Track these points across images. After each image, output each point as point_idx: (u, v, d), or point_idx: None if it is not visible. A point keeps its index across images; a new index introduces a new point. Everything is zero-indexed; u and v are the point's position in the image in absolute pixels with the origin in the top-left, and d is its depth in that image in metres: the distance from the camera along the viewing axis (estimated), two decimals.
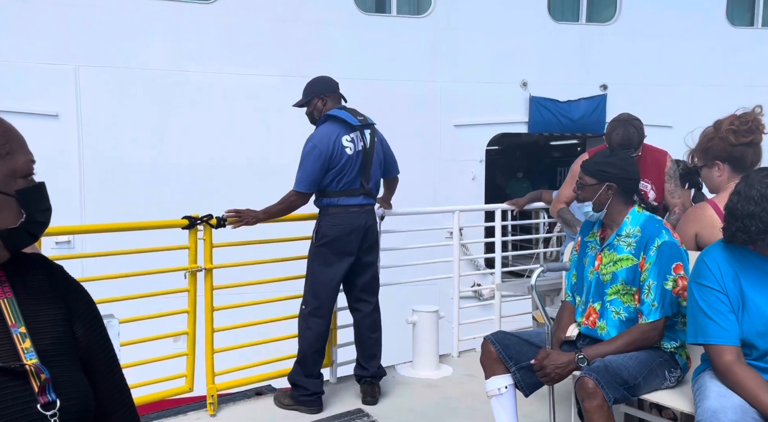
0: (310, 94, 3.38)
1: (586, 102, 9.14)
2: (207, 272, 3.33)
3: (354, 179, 3.28)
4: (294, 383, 3.37)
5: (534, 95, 8.90)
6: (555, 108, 9.01)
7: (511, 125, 9.03)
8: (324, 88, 3.37)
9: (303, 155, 3.23)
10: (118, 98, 7.29)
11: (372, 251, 3.45)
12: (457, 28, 8.65)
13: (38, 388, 0.86)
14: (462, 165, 8.69)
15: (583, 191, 2.44)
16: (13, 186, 0.90)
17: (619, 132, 3.17)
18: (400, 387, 3.76)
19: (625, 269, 2.36)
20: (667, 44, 9.20)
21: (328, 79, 3.43)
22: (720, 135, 2.50)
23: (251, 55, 7.76)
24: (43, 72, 7.00)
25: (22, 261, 0.96)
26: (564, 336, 2.52)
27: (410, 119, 8.19)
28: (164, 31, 7.59)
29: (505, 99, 8.86)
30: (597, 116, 9.13)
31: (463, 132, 8.70)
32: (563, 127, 9.16)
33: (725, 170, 2.54)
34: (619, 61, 9.17)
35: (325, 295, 3.31)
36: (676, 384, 2.34)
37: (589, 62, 9.21)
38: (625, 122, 3.20)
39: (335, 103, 3.37)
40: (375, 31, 8.34)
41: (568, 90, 9.05)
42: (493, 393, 2.50)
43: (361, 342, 3.50)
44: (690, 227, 2.55)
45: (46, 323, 0.94)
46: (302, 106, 3.43)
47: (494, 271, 4.59)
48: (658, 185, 3.33)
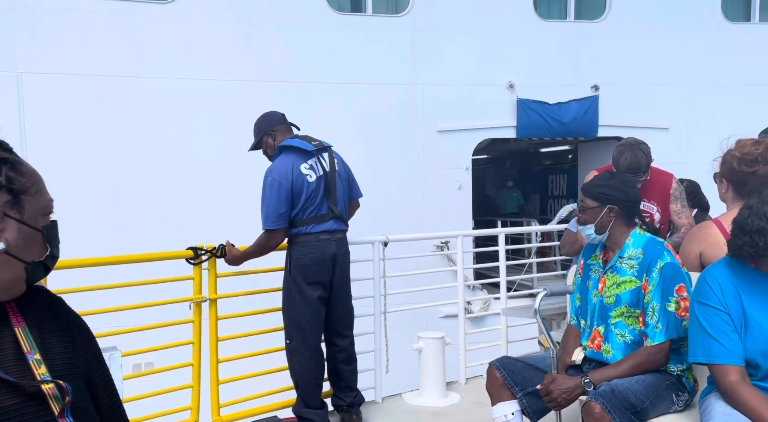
0: (258, 134, 3.36)
1: (577, 104, 8.61)
2: (212, 302, 3.34)
3: (320, 205, 3.24)
4: (299, 415, 3.34)
5: (522, 98, 8.40)
6: (544, 111, 8.49)
7: (499, 130, 8.50)
8: (269, 124, 3.35)
9: (264, 192, 3.16)
10: (65, 107, 6.58)
11: (344, 282, 3.39)
12: (437, 28, 8.09)
13: (58, 411, 0.89)
14: (447, 173, 8.09)
15: (584, 214, 2.45)
16: (41, 222, 0.96)
17: (627, 157, 3.15)
18: (407, 416, 3.71)
19: (629, 291, 2.35)
20: (660, 41, 8.66)
21: (271, 113, 3.41)
22: (728, 156, 2.51)
23: (213, 60, 7.12)
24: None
25: (28, 292, 1.01)
26: (570, 360, 2.50)
27: (390, 126, 7.64)
28: (116, 34, 6.89)
29: (491, 102, 8.33)
30: (589, 119, 8.62)
31: (448, 138, 8.13)
32: (553, 131, 8.64)
33: (729, 189, 2.54)
34: (610, 60, 8.64)
35: (309, 326, 3.24)
36: (684, 407, 2.31)
37: (579, 62, 8.67)
38: (633, 146, 3.18)
39: (285, 134, 3.35)
40: (349, 32, 7.75)
41: (557, 92, 8.54)
42: (500, 419, 2.47)
43: (336, 374, 3.44)
44: (694, 246, 2.54)
45: (56, 350, 0.98)
46: (256, 148, 3.41)
47: (500, 295, 4.57)
48: (663, 208, 3.32)
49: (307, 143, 3.28)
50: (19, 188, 0.93)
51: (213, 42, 7.14)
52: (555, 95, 8.54)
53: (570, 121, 8.58)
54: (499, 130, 8.51)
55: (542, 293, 2.61)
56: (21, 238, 0.92)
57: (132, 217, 6.39)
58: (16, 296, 0.96)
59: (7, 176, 0.91)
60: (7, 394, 0.87)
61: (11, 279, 0.93)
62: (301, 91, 7.09)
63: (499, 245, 4.56)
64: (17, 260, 0.92)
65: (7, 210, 0.91)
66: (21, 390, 0.88)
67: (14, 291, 0.95)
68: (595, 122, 8.64)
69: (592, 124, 8.62)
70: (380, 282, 3.97)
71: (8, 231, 0.91)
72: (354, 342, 3.50)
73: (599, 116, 8.62)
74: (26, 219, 0.93)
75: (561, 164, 12.65)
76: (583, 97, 8.60)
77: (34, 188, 0.95)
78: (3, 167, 0.91)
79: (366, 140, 7.11)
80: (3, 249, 0.90)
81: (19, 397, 0.87)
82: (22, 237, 0.93)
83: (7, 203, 0.91)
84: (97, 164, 6.70)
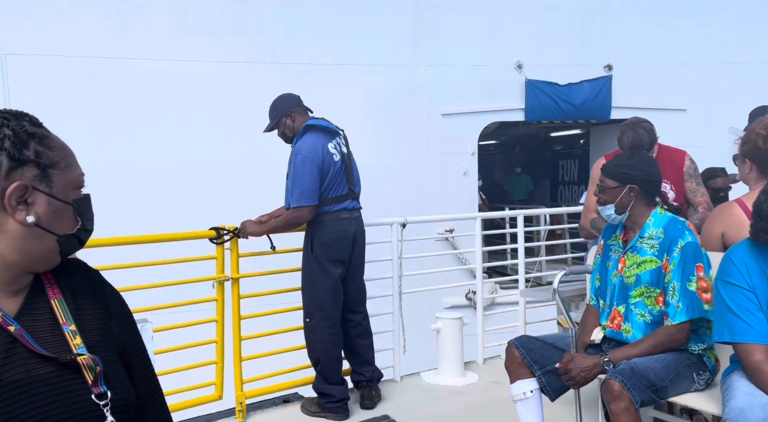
0: (276, 116, 3.37)
1: (589, 85, 8.12)
2: (234, 281, 3.41)
3: (342, 185, 3.31)
4: (320, 391, 3.41)
5: (530, 79, 7.95)
6: (554, 92, 8.02)
7: (506, 113, 8.04)
8: (288, 105, 3.36)
9: (296, 169, 3.19)
10: (52, 90, 6.14)
11: (361, 260, 3.46)
12: (440, 5, 7.62)
13: (92, 380, 0.92)
14: (452, 159, 7.69)
15: (604, 194, 2.44)
16: (71, 196, 0.98)
17: (629, 135, 3.17)
18: (425, 394, 3.77)
19: (649, 271, 2.35)
20: (678, 17, 8.13)
21: (288, 95, 3.43)
22: (752, 135, 2.48)
23: (207, 40, 6.74)
24: None
25: (65, 265, 1.04)
26: (589, 339, 2.51)
27: (391, 109, 7.24)
28: (105, 14, 6.51)
29: (498, 84, 7.88)
30: (601, 100, 8.11)
31: (452, 122, 7.71)
32: (564, 113, 8.13)
33: (753, 169, 2.52)
34: (625, 37, 8.11)
35: (331, 303, 3.30)
36: (705, 386, 2.31)
37: (592, 40, 8.15)
38: (634, 125, 3.20)
39: (304, 116, 3.38)
40: (348, 10, 7.29)
41: (568, 72, 8.05)
42: (519, 397, 2.50)
43: (352, 350, 3.51)
44: (716, 226, 2.52)
45: (91, 322, 1.01)
46: (272, 129, 3.42)
47: (518, 277, 4.58)
48: (677, 186, 3.30)
49: (330, 123, 3.35)
50: (48, 162, 0.95)
51: (206, 21, 6.79)
52: (565, 76, 8.09)
53: (581, 103, 8.12)
54: (507, 113, 8.05)
55: (561, 273, 2.62)
56: (51, 211, 0.94)
57: (125, 202, 6.02)
58: (52, 267, 1.00)
59: (35, 151, 0.94)
60: (42, 363, 0.90)
61: (44, 251, 0.96)
62: (297, 73, 6.72)
63: (517, 227, 4.56)
64: (49, 233, 0.95)
65: (36, 184, 0.93)
66: (56, 359, 0.91)
67: (49, 263, 0.98)
68: (608, 104, 8.18)
69: (604, 106, 8.16)
70: (398, 263, 4.01)
71: (38, 205, 0.93)
72: (368, 316, 3.55)
73: (612, 97, 8.14)
74: (55, 193, 0.95)
75: (572, 148, 12.18)
76: (595, 77, 8.15)
77: (63, 162, 0.97)
78: (31, 142, 0.94)
79: (366, 124, 6.69)
80: (33, 222, 0.92)
81: (53, 366, 0.91)
82: (53, 211, 0.95)
83: (36, 177, 0.93)
84: (85, 150, 6.53)
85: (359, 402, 3.49)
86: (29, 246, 0.94)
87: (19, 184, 0.91)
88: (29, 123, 0.96)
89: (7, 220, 0.92)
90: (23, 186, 0.91)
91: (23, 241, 0.93)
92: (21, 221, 0.92)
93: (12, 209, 0.91)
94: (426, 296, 4.27)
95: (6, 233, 0.92)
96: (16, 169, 0.91)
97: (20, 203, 0.92)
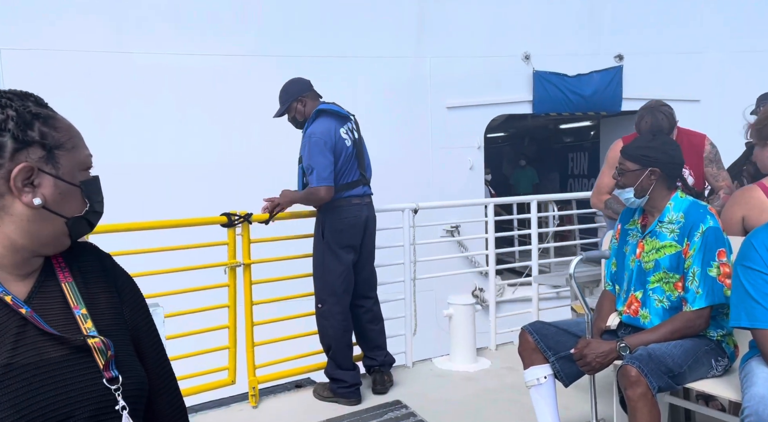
0: (287, 100, 3.34)
1: (599, 76, 7.85)
2: (246, 267, 3.40)
3: (353, 170, 3.30)
4: (331, 377, 3.41)
5: (538, 70, 7.70)
6: (563, 84, 7.76)
7: (513, 105, 7.78)
8: (299, 90, 3.33)
9: (312, 151, 3.17)
10: (48, 86, 6.15)
11: (371, 245, 3.45)
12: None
13: (103, 364, 0.91)
14: (457, 153, 7.49)
15: (623, 178, 2.38)
16: (78, 177, 0.96)
17: (648, 120, 3.08)
18: (437, 379, 3.76)
19: (668, 256, 2.30)
20: (691, 4, 7.86)
21: (299, 79, 3.39)
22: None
23: (206, 33, 6.55)
24: None
25: (76, 248, 1.03)
26: (604, 325, 2.48)
27: (395, 102, 7.03)
28: (101, 7, 6.33)
29: (505, 76, 7.64)
30: (612, 92, 7.83)
31: (458, 115, 7.49)
32: (573, 105, 7.87)
33: None
34: (636, 26, 7.83)
35: (342, 289, 3.31)
36: (723, 372, 2.28)
37: (602, 29, 7.86)
38: (653, 109, 3.11)
39: (315, 101, 3.35)
40: (350, 0, 7.04)
41: (577, 62, 7.79)
42: (532, 383, 2.47)
43: (364, 335, 3.51)
44: (737, 210, 2.47)
45: (102, 305, 0.99)
46: (282, 114, 3.39)
47: (530, 263, 4.54)
48: (696, 170, 3.24)
49: (341, 108, 3.32)
50: (53, 143, 0.93)
51: (205, 13, 6.64)
52: (575, 66, 7.82)
53: (591, 94, 7.84)
54: (514, 105, 7.72)
55: (577, 258, 2.58)
56: (58, 193, 0.93)
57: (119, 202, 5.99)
58: (62, 250, 0.98)
59: (40, 132, 0.92)
60: (53, 346, 0.89)
61: (53, 234, 0.94)
62: (297, 65, 6.28)
63: (531, 212, 4.51)
64: (57, 216, 0.93)
65: (41, 166, 0.91)
66: (67, 343, 0.91)
67: (59, 246, 0.97)
68: (619, 95, 7.90)
69: (615, 97, 7.88)
70: (410, 249, 3.99)
71: (44, 187, 0.92)
72: (378, 301, 3.55)
73: (623, 88, 7.86)
74: (62, 175, 0.93)
75: (582, 140, 11.94)
76: (605, 67, 7.88)
77: (69, 143, 0.96)
78: (36, 123, 0.92)
79: (368, 118, 6.16)
80: (40, 204, 0.91)
81: (65, 350, 0.90)
82: (59, 193, 0.93)
83: (41, 158, 0.91)
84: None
85: (371, 387, 3.49)
86: (37, 229, 0.92)
87: (24, 165, 0.89)
88: (34, 104, 0.94)
89: (14, 202, 0.90)
90: (29, 168, 0.90)
91: (31, 224, 0.91)
92: (28, 203, 0.90)
93: (18, 191, 0.90)
94: (433, 285, 4.24)
95: (14, 216, 0.91)
96: (20, 150, 0.90)
97: (26, 185, 0.90)
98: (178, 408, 1.10)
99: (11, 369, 0.85)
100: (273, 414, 3.29)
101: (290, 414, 3.26)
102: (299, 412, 3.30)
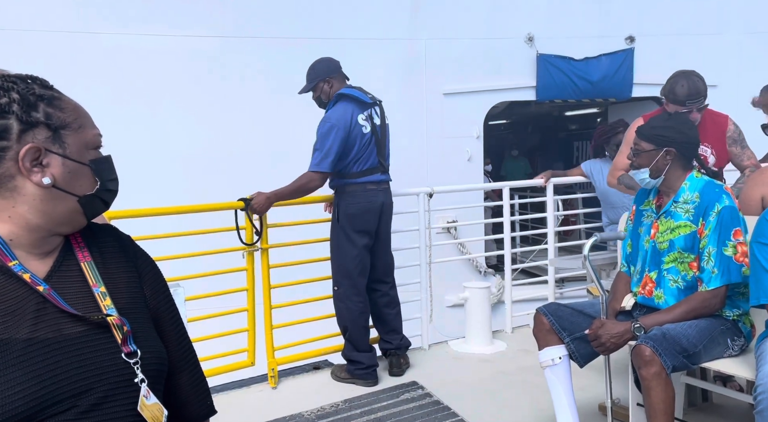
0: (315, 79, 3.36)
1: (608, 59, 7.29)
2: (263, 251, 3.46)
3: (371, 157, 3.30)
4: (348, 358, 3.47)
5: (543, 53, 7.13)
6: (569, 68, 7.21)
7: (515, 92, 7.23)
8: (328, 70, 3.35)
9: (320, 135, 3.21)
10: (10, 68, 5.76)
11: (388, 230, 3.47)
12: None
13: (121, 339, 0.95)
14: (455, 143, 7.00)
15: (639, 158, 2.37)
16: (87, 156, 0.99)
17: (684, 84, 2.96)
18: (453, 361, 3.80)
19: (683, 236, 2.29)
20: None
21: (329, 59, 3.40)
22: None
23: (180, 12, 6.13)
24: None
25: (95, 229, 1.06)
26: (619, 306, 2.49)
27: (388, 87, 6.22)
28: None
29: (507, 59, 7.08)
30: (622, 76, 7.29)
31: (455, 102, 6.97)
32: (580, 91, 7.32)
33: None
34: (648, 6, 7.29)
35: (357, 271, 3.34)
36: (739, 352, 2.28)
37: (611, 9, 7.30)
38: (687, 74, 3.01)
39: (341, 83, 3.37)
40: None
41: (585, 45, 7.20)
42: (547, 363, 2.49)
43: (380, 319, 3.54)
44: (756, 190, 2.45)
45: (121, 284, 1.02)
46: (308, 91, 3.41)
47: (547, 246, 4.54)
48: (718, 150, 3.19)
49: (364, 94, 3.32)
50: (59, 123, 0.95)
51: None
52: (582, 49, 7.24)
53: (599, 79, 7.27)
54: (516, 91, 7.15)
55: (592, 239, 2.58)
56: (67, 172, 0.95)
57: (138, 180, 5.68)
58: (79, 228, 1.01)
59: (45, 113, 0.94)
60: (72, 323, 0.92)
61: (66, 213, 0.97)
62: (283, 48, 6.13)
63: (547, 196, 4.49)
64: (68, 194, 0.96)
65: (48, 146, 0.94)
66: (86, 319, 0.93)
67: (75, 225, 1.00)
68: (629, 81, 7.34)
69: (625, 82, 7.31)
70: (425, 233, 4.01)
71: (53, 166, 0.94)
72: (395, 285, 3.58)
73: (634, 72, 7.30)
74: (69, 154, 0.96)
75: (588, 128, 11.12)
76: (615, 50, 7.29)
77: (76, 123, 0.98)
78: (40, 104, 0.94)
79: None
80: (50, 184, 0.93)
81: (84, 326, 0.93)
82: (68, 172, 0.95)
83: (47, 138, 0.94)
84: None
85: (388, 369, 3.54)
86: (50, 208, 0.95)
87: (30, 146, 0.92)
88: (39, 86, 0.96)
89: (25, 183, 0.93)
90: (35, 148, 0.92)
91: (43, 203, 0.94)
92: (37, 183, 0.93)
93: (27, 171, 0.92)
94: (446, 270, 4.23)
95: (26, 196, 0.93)
96: (26, 131, 0.92)
97: (35, 165, 0.93)
98: (199, 385, 1.13)
99: (32, 342, 0.88)
100: (292, 395, 3.36)
101: (309, 395, 3.32)
102: (317, 393, 3.36)
